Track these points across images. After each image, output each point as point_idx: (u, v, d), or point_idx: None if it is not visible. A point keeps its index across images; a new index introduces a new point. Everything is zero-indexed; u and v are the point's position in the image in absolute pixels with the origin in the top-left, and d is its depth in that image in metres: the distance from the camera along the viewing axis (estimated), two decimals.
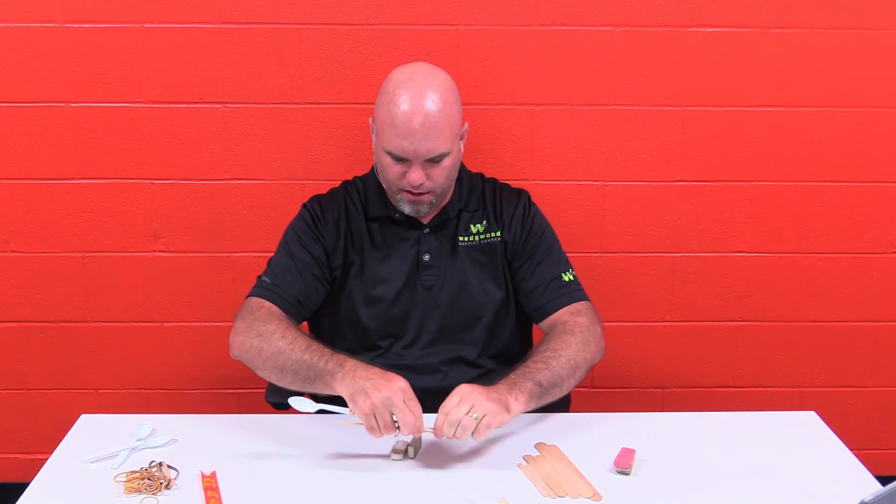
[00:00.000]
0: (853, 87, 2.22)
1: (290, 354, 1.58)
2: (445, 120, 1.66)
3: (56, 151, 2.22)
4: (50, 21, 2.13)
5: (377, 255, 1.80)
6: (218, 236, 2.28)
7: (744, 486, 1.45)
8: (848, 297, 2.38)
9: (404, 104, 1.64)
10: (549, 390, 1.58)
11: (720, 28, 2.18)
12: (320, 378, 1.53)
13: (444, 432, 1.44)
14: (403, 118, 1.64)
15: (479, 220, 1.84)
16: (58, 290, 2.31)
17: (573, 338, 1.68)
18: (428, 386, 1.77)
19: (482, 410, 1.45)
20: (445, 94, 1.67)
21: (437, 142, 1.65)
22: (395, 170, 1.69)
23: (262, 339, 1.63)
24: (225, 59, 2.16)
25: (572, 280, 1.82)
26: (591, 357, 1.69)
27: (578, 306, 1.78)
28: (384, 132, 1.68)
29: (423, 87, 1.66)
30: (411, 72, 1.70)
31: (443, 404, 1.47)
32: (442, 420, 1.44)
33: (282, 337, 1.61)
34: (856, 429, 2.44)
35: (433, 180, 1.70)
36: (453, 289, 1.80)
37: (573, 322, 1.73)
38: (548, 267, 1.81)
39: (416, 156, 1.66)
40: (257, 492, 1.42)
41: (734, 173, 2.28)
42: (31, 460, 2.43)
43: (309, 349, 1.57)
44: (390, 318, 1.79)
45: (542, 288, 1.80)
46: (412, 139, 1.64)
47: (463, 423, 1.43)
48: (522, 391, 1.53)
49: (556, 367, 1.60)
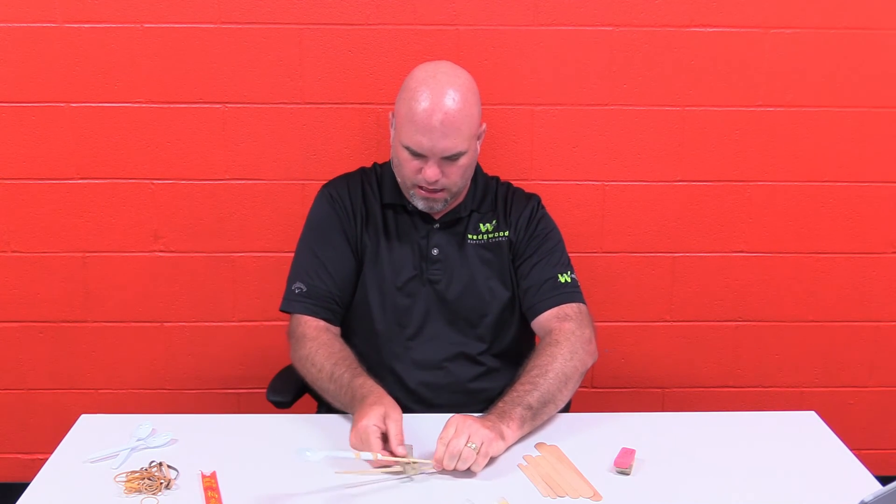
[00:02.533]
0: (853, 87, 2.23)
1: (319, 384, 1.68)
2: (464, 119, 1.67)
3: (56, 151, 2.22)
4: (50, 21, 2.13)
5: (389, 241, 1.81)
6: (218, 236, 2.28)
7: (744, 486, 1.45)
8: (848, 297, 2.38)
9: (425, 101, 1.65)
10: (542, 409, 1.59)
11: (720, 28, 2.18)
12: (348, 408, 1.61)
13: (444, 465, 1.44)
14: (423, 115, 1.65)
15: (489, 220, 1.85)
16: (58, 290, 2.31)
17: (559, 349, 1.67)
18: (430, 381, 1.79)
19: (479, 439, 1.45)
20: (466, 94, 1.69)
21: (454, 140, 1.67)
22: (412, 165, 1.70)
23: (301, 365, 1.73)
24: (225, 59, 2.16)
25: (568, 282, 1.80)
26: (580, 365, 1.68)
27: (566, 310, 1.76)
28: (403, 127, 1.69)
29: (444, 85, 1.67)
30: (434, 69, 1.71)
31: (440, 436, 1.46)
32: (442, 452, 1.44)
33: (312, 364, 1.70)
34: (856, 429, 2.44)
35: (448, 178, 1.71)
36: (459, 286, 1.81)
37: (559, 330, 1.72)
38: (545, 267, 1.81)
39: (433, 153, 1.67)
40: (257, 492, 1.42)
41: (734, 173, 2.28)
42: (31, 460, 2.43)
43: (332, 378, 1.65)
44: (397, 306, 1.80)
45: (535, 288, 1.79)
46: (430, 136, 1.65)
47: (464, 455, 1.43)
48: (513, 418, 1.54)
49: (544, 386, 1.60)
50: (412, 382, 1.78)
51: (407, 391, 1.77)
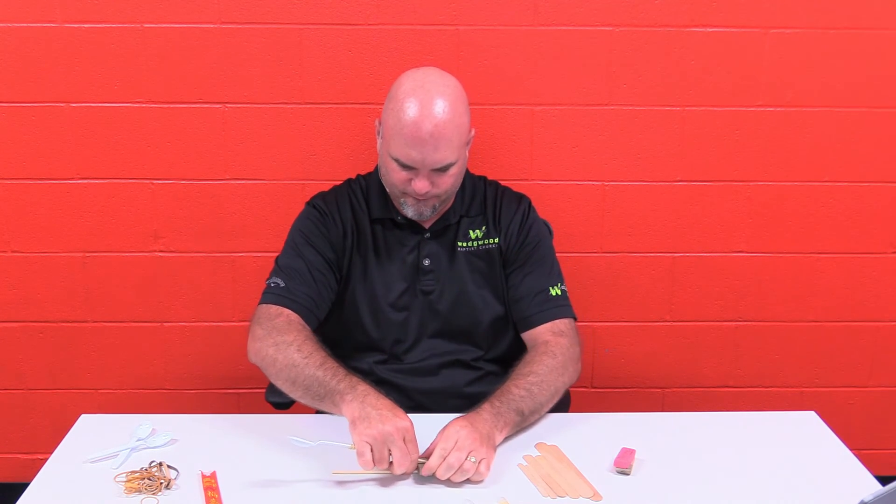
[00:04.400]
0: (853, 87, 2.22)
1: (303, 369, 1.55)
2: (454, 130, 1.63)
3: (56, 151, 2.22)
4: (50, 21, 2.13)
5: (379, 257, 1.79)
6: (218, 236, 2.28)
7: (744, 486, 1.45)
8: (848, 297, 2.38)
9: (414, 113, 1.61)
10: (529, 418, 1.60)
11: (720, 28, 2.18)
12: (329, 397, 1.51)
13: (438, 475, 1.41)
14: (413, 128, 1.61)
15: (478, 225, 1.83)
16: (58, 290, 2.31)
17: (555, 361, 1.66)
18: (426, 387, 1.77)
19: (480, 455, 1.43)
20: (455, 104, 1.64)
21: (445, 153, 1.63)
22: (401, 175, 1.67)
23: (277, 350, 1.60)
24: (225, 59, 2.16)
25: (559, 295, 1.79)
26: (568, 381, 1.69)
27: (561, 325, 1.76)
28: (392, 139, 1.65)
29: (433, 95, 1.62)
30: (422, 79, 1.66)
31: (440, 447, 1.43)
32: (438, 463, 1.41)
33: (298, 349, 1.58)
34: (856, 429, 2.44)
35: (438, 187, 1.68)
36: (452, 295, 1.79)
37: (555, 343, 1.71)
38: (537, 278, 1.79)
39: (423, 165, 1.64)
40: (257, 492, 1.42)
41: (734, 173, 2.28)
42: (31, 460, 2.43)
43: (323, 366, 1.55)
44: (391, 322, 1.79)
45: (527, 299, 1.78)
46: (421, 149, 1.62)
47: (464, 467, 1.41)
48: (507, 423, 1.53)
49: (538, 396, 1.60)
50: (408, 390, 1.76)
51: (403, 398, 1.74)
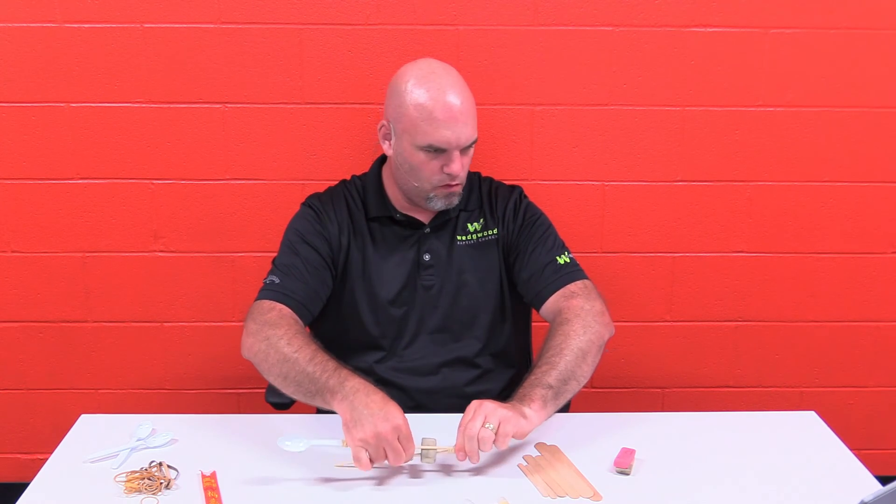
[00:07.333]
0: (853, 87, 2.23)
1: (294, 364, 1.54)
2: (473, 105, 1.70)
3: (56, 151, 2.22)
4: (50, 21, 2.13)
5: (378, 254, 1.79)
6: (218, 236, 2.28)
7: (744, 486, 1.45)
8: (848, 297, 2.38)
9: (437, 95, 1.65)
10: (564, 387, 1.55)
11: (720, 28, 2.18)
12: (321, 394, 1.50)
13: (465, 449, 1.42)
14: (443, 109, 1.64)
15: (476, 218, 1.84)
16: (58, 290, 2.31)
17: (570, 326, 1.63)
18: (426, 387, 1.77)
19: (496, 419, 1.42)
20: (463, 83, 1.71)
21: (473, 127, 1.69)
22: (433, 165, 1.68)
23: (269, 344, 1.58)
24: (225, 59, 2.16)
25: (568, 262, 1.78)
26: (595, 338, 1.64)
27: (572, 288, 1.74)
28: (419, 128, 1.66)
29: (445, 77, 1.68)
30: (425, 67, 1.71)
31: (460, 423, 1.44)
32: (462, 439, 1.42)
33: (288, 343, 1.57)
34: (856, 429, 2.44)
35: (465, 169, 1.72)
36: (452, 289, 1.80)
37: (567, 307, 1.69)
38: (542, 253, 1.79)
39: (458, 144, 1.67)
40: (257, 492, 1.42)
41: (734, 173, 2.28)
42: (31, 460, 2.43)
43: (313, 361, 1.52)
44: (390, 319, 1.79)
45: (537, 275, 1.77)
46: (454, 128, 1.65)
47: (481, 436, 1.41)
48: (533, 398, 1.50)
49: (561, 364, 1.56)
50: (409, 389, 1.76)
51: (403, 397, 1.74)
